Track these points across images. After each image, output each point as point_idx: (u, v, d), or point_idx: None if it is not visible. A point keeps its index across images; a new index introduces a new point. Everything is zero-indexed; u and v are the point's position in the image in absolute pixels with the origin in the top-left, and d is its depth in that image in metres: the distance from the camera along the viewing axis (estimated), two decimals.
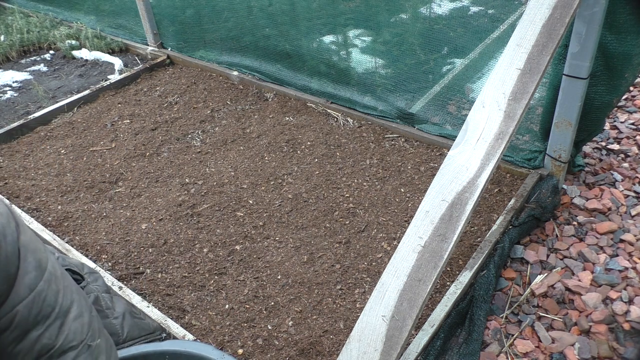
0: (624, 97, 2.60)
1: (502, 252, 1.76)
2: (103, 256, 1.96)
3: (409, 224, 1.31)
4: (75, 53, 3.56)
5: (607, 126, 2.41)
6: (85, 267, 1.57)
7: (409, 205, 2.07)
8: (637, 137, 2.33)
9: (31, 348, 0.75)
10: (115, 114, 2.84)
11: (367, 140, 2.45)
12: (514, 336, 1.58)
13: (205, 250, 1.95)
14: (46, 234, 2.01)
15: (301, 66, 2.79)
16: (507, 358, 1.52)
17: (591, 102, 1.87)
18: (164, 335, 1.56)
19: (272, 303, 1.73)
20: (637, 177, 2.11)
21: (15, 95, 3.15)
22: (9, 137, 2.68)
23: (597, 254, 1.80)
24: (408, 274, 1.22)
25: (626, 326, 1.57)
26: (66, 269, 1.13)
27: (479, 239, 1.88)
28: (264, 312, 1.70)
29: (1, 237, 0.70)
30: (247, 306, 1.72)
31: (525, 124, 2.18)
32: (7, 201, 2.21)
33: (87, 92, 3.00)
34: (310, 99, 2.74)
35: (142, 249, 1.97)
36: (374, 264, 1.84)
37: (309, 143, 2.47)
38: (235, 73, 3.02)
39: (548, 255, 1.82)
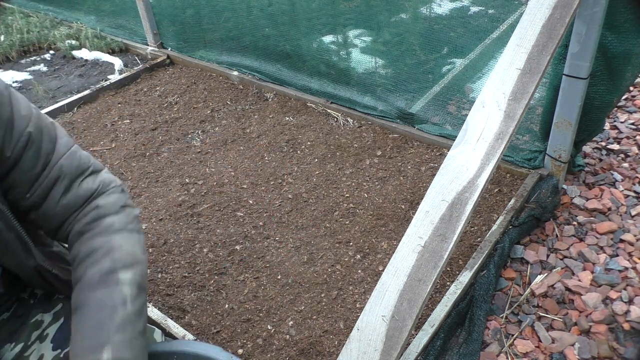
0: (624, 97, 2.60)
1: (502, 252, 1.77)
2: None
3: (409, 223, 1.31)
4: (75, 53, 3.56)
5: (607, 126, 2.41)
6: None
7: (409, 205, 2.07)
8: (637, 137, 2.33)
9: (77, 194, 0.97)
10: (115, 114, 2.84)
11: (367, 140, 2.45)
12: (514, 336, 1.58)
13: (205, 250, 1.95)
14: None
15: (301, 66, 2.79)
16: (507, 358, 1.52)
17: (591, 102, 1.87)
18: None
19: (272, 303, 1.73)
20: (637, 177, 2.11)
21: None
22: None
23: (597, 254, 1.80)
24: (408, 274, 1.22)
25: (626, 326, 1.57)
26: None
27: (479, 239, 1.88)
28: (264, 312, 1.70)
29: (38, 111, 0.97)
30: (247, 306, 1.72)
31: (525, 124, 2.18)
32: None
33: (87, 92, 3.00)
34: (310, 99, 2.74)
35: None
36: (374, 264, 1.84)
37: (309, 143, 2.47)
38: (235, 73, 3.02)
39: (548, 255, 1.82)
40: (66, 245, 1.02)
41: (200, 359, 0.97)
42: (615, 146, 2.28)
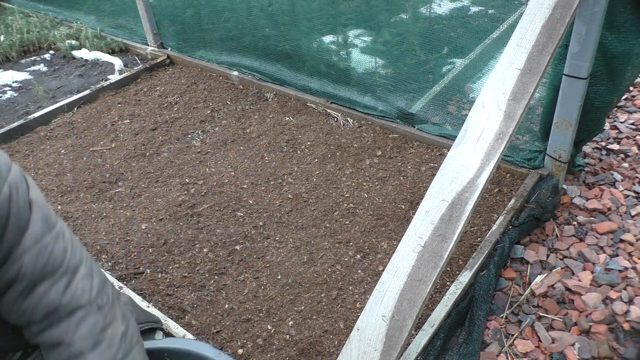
0: (624, 97, 2.60)
1: (502, 252, 1.76)
2: (103, 256, 1.96)
3: (409, 223, 1.31)
4: (75, 53, 3.56)
5: (607, 126, 2.41)
6: None
7: (409, 205, 2.07)
8: (637, 137, 2.33)
9: (38, 303, 0.76)
10: (115, 114, 2.84)
11: (367, 140, 2.45)
12: (514, 336, 1.58)
13: (205, 250, 1.95)
14: None
15: (301, 66, 2.79)
16: (507, 358, 1.52)
17: (591, 102, 1.87)
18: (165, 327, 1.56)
19: (272, 303, 1.72)
20: (637, 177, 2.11)
21: (15, 95, 3.15)
22: (9, 137, 2.68)
23: (597, 254, 1.80)
24: (408, 274, 1.22)
25: (626, 326, 1.57)
26: None
27: (479, 239, 1.88)
28: (264, 312, 1.70)
29: (14, 189, 0.75)
30: (247, 306, 1.72)
31: (525, 124, 2.18)
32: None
33: (87, 92, 3.00)
34: (310, 99, 2.74)
35: (142, 249, 1.97)
36: (374, 264, 1.84)
37: (309, 143, 2.47)
38: (235, 73, 3.02)
39: (548, 255, 1.82)
40: None
41: (190, 356, 0.97)
42: (615, 146, 2.28)
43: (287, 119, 2.66)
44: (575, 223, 1.93)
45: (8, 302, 0.76)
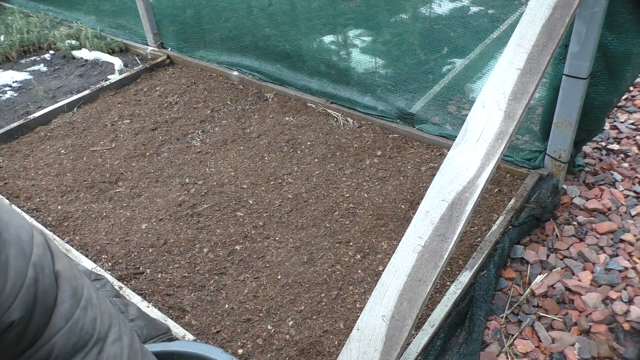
0: (624, 97, 2.60)
1: (502, 252, 1.76)
2: (103, 256, 1.96)
3: (409, 223, 1.31)
4: (75, 53, 3.56)
5: (607, 126, 2.41)
6: (92, 274, 1.57)
7: (409, 205, 2.07)
8: (637, 137, 2.33)
9: None
10: (115, 114, 2.84)
11: (367, 140, 2.45)
12: (514, 336, 1.58)
13: (205, 250, 1.95)
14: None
15: (301, 66, 2.79)
16: (507, 358, 1.52)
17: (591, 102, 1.87)
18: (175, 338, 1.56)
19: (272, 303, 1.72)
20: (637, 177, 2.11)
21: (15, 95, 3.16)
22: (9, 137, 2.68)
23: (597, 254, 1.80)
24: (408, 274, 1.22)
25: (626, 326, 1.57)
26: None
27: (479, 239, 1.88)
28: (264, 312, 1.70)
29: (39, 269, 0.67)
30: (247, 306, 1.72)
31: (525, 124, 2.18)
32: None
33: (87, 92, 3.00)
34: (310, 99, 2.74)
35: (142, 249, 1.97)
36: (374, 264, 1.84)
37: (309, 143, 2.47)
38: (235, 73, 3.02)
39: (548, 255, 1.82)
40: None
41: None
42: (615, 146, 2.28)
43: (287, 119, 2.66)
44: (575, 223, 1.93)
45: None
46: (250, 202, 2.16)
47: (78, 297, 0.75)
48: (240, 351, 1.58)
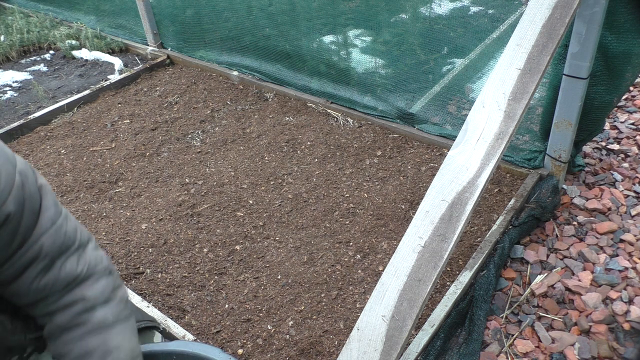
0: (624, 97, 2.60)
1: (502, 252, 1.76)
2: None
3: (409, 223, 1.31)
4: (75, 53, 3.56)
5: (607, 126, 2.41)
6: None
7: (409, 205, 2.07)
8: (637, 137, 2.33)
9: (57, 276, 0.85)
10: (115, 114, 2.84)
11: (367, 140, 2.45)
12: (514, 336, 1.58)
13: (205, 250, 1.95)
14: None
15: (301, 66, 2.79)
16: (507, 358, 1.52)
17: (591, 102, 1.87)
18: (162, 327, 1.56)
19: (272, 303, 1.72)
20: (637, 177, 2.11)
21: (15, 95, 3.16)
22: (9, 137, 2.68)
23: (597, 254, 1.80)
24: (408, 274, 1.22)
25: (626, 326, 1.57)
26: None
27: (479, 239, 1.88)
28: (264, 312, 1.70)
29: (24, 177, 0.82)
30: (247, 306, 1.72)
31: (525, 124, 2.18)
32: None
33: (87, 92, 3.00)
34: (310, 99, 2.74)
35: (142, 249, 1.97)
36: (374, 264, 1.84)
37: (309, 143, 2.47)
38: (235, 73, 3.02)
39: (548, 255, 1.82)
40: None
41: None
42: (615, 146, 2.28)
43: (287, 119, 2.66)
44: (575, 223, 1.93)
45: (27, 279, 0.84)
46: (250, 202, 2.16)
47: (59, 208, 0.89)
48: (240, 351, 1.58)
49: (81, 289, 0.87)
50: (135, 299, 1.69)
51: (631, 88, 2.65)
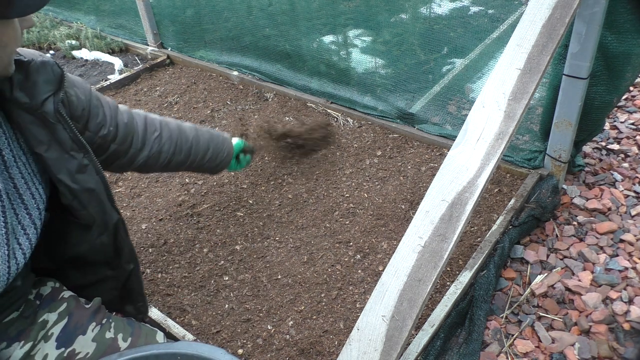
0: (624, 97, 2.60)
1: (502, 252, 1.77)
2: None
3: (409, 223, 1.31)
4: (75, 53, 3.56)
5: (607, 126, 2.41)
6: None
7: (409, 205, 2.07)
8: (637, 137, 2.33)
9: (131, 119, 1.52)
10: None
11: (367, 140, 2.45)
12: (514, 336, 1.58)
13: (205, 250, 1.95)
14: None
15: (301, 66, 2.79)
16: (507, 358, 1.52)
17: (591, 102, 1.87)
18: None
19: (272, 303, 1.73)
20: (637, 177, 2.11)
21: None
22: None
23: (597, 254, 1.81)
24: (408, 274, 1.22)
25: (626, 326, 1.57)
26: None
27: (479, 239, 1.88)
28: (264, 312, 1.70)
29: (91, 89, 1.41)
30: (247, 306, 1.72)
31: (525, 124, 2.19)
32: None
33: None
34: (310, 99, 2.74)
35: (142, 249, 1.97)
36: (374, 264, 1.84)
37: None
38: (235, 73, 3.02)
39: (548, 255, 1.82)
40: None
41: None
42: (615, 146, 2.28)
43: (287, 119, 2.65)
44: (575, 223, 1.93)
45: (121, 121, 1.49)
46: (250, 202, 2.16)
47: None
48: (240, 351, 1.58)
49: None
50: None
51: (631, 88, 2.65)
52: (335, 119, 2.62)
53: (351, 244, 1.92)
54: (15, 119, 1.01)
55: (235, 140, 1.90)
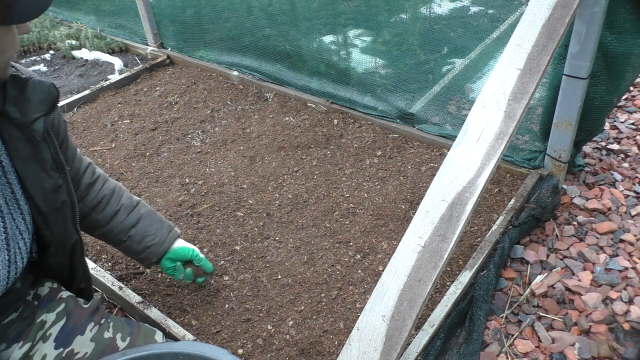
0: (624, 97, 2.60)
1: (502, 252, 1.77)
2: (103, 256, 1.96)
3: (409, 223, 1.31)
4: (75, 53, 3.56)
5: (607, 126, 2.41)
6: None
7: (409, 205, 2.07)
8: (637, 137, 2.33)
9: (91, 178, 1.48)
10: (115, 114, 2.84)
11: (367, 140, 2.45)
12: (514, 336, 1.58)
13: (205, 250, 1.95)
14: None
15: (301, 66, 2.79)
16: (507, 358, 1.52)
17: (591, 102, 1.87)
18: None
19: (272, 303, 1.73)
20: (637, 177, 2.11)
21: None
22: None
23: (597, 254, 1.81)
24: (408, 274, 1.22)
25: (626, 326, 1.57)
26: None
27: (479, 239, 1.88)
28: (264, 312, 1.70)
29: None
30: (247, 306, 1.72)
31: (525, 124, 2.19)
32: None
33: (87, 92, 3.00)
34: (311, 99, 2.74)
35: None
36: (374, 264, 1.84)
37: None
38: (235, 73, 3.02)
39: (548, 255, 1.82)
40: None
41: None
42: (615, 146, 2.28)
43: (287, 119, 2.66)
44: (575, 223, 1.93)
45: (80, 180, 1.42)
46: (250, 202, 2.16)
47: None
48: (240, 351, 1.58)
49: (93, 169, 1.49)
50: (135, 299, 1.69)
51: (631, 88, 2.65)
52: (335, 119, 2.62)
53: (351, 244, 1.92)
54: (1, 132, 1.02)
55: (182, 244, 1.62)
